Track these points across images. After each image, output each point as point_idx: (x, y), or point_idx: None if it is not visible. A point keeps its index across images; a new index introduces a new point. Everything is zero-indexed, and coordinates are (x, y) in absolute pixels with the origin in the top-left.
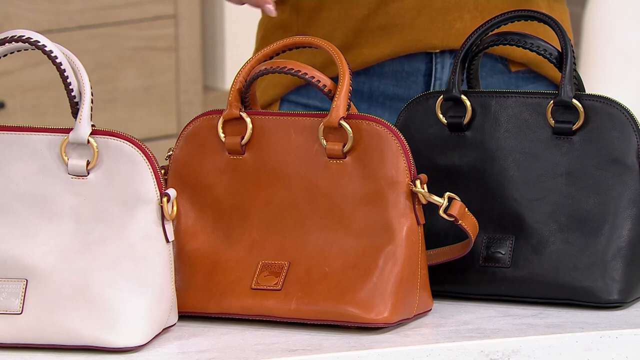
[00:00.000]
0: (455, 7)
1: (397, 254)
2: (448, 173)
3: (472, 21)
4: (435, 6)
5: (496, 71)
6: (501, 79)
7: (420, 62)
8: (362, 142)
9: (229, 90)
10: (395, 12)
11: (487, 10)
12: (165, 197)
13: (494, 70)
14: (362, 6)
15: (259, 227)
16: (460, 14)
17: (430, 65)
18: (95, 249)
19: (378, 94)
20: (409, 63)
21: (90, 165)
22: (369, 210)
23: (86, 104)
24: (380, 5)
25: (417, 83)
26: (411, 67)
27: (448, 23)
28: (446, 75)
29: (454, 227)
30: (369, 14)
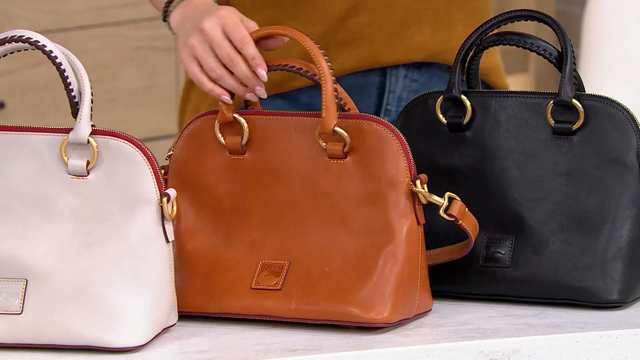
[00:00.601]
0: (415, 21)
1: (397, 254)
2: (448, 173)
3: (431, 34)
4: (395, 20)
5: (444, 81)
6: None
7: (375, 75)
8: (363, 142)
9: None
10: (354, 28)
11: (446, 22)
12: (165, 197)
13: (442, 80)
14: (322, 22)
15: (259, 227)
16: (420, 27)
17: (383, 78)
18: (95, 249)
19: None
20: (364, 77)
21: (90, 165)
22: (369, 210)
23: (86, 104)
24: (340, 21)
25: (370, 96)
26: (366, 80)
27: (408, 37)
28: (400, 88)
29: (454, 227)
30: (328, 30)
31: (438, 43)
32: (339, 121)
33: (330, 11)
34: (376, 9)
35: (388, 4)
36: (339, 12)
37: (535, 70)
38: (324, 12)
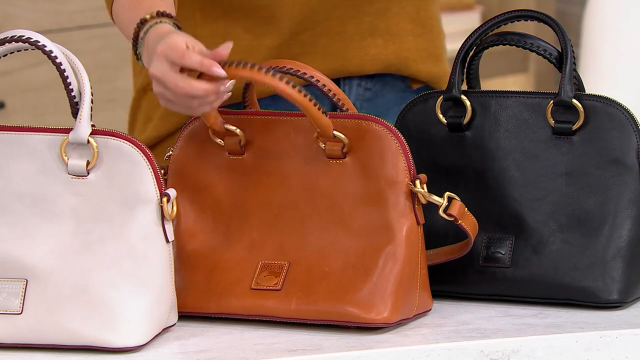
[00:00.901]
0: (369, 33)
1: (397, 254)
2: (448, 173)
3: (384, 46)
4: (348, 34)
5: (397, 89)
6: (402, 96)
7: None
8: (362, 142)
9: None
10: (307, 41)
11: (398, 34)
12: (165, 197)
13: (394, 89)
14: (275, 36)
15: (258, 227)
16: (374, 40)
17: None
18: (95, 249)
19: None
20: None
21: (90, 165)
22: (369, 210)
23: (86, 104)
24: (293, 34)
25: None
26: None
27: (362, 49)
28: (353, 97)
29: (453, 227)
30: (282, 44)
31: (391, 55)
32: (337, 121)
33: (283, 25)
34: (329, 21)
35: (341, 17)
36: (292, 25)
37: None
38: (277, 25)
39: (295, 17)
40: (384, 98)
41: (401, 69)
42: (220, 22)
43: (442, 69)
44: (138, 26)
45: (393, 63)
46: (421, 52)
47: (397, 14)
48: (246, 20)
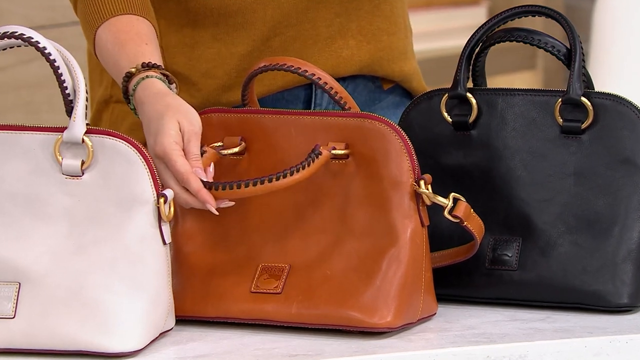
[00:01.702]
0: (340, 35)
1: (400, 257)
2: (453, 173)
3: (357, 47)
4: (321, 37)
5: (368, 90)
6: (372, 97)
7: (300, 90)
8: (365, 141)
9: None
10: (278, 46)
11: (371, 33)
12: (162, 197)
13: (365, 90)
14: (245, 43)
15: (258, 228)
16: (346, 42)
17: (309, 92)
18: (90, 251)
19: None
20: (290, 91)
21: (85, 165)
22: (372, 211)
23: (81, 102)
24: (264, 40)
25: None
26: (291, 95)
27: (335, 52)
28: (326, 100)
29: (459, 228)
30: (252, 51)
31: (365, 56)
32: (340, 120)
33: (253, 31)
34: (299, 24)
35: (311, 20)
36: (262, 31)
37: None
38: (247, 32)
39: (267, 22)
40: (355, 100)
41: (375, 69)
42: (187, 31)
43: (411, 67)
44: (125, 80)
45: (367, 64)
46: (394, 51)
47: (369, 13)
48: (215, 28)
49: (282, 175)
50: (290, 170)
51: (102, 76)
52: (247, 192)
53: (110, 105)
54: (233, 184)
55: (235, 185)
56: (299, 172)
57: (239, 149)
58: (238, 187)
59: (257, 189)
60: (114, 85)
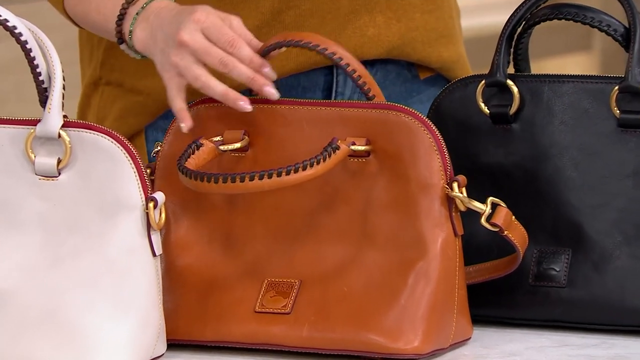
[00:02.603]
0: (366, 10)
1: (430, 271)
2: (491, 174)
3: (386, 25)
4: (342, 11)
5: (402, 80)
6: (408, 88)
7: (319, 74)
8: (390, 137)
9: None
10: (292, 21)
11: (402, 9)
12: (152, 202)
13: (399, 79)
14: (253, 16)
15: (264, 237)
16: (372, 18)
17: (330, 77)
18: (68, 264)
19: None
20: (307, 76)
21: (62, 164)
22: (397, 218)
23: (57, 90)
24: (274, 14)
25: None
26: (309, 81)
27: (359, 29)
28: (350, 89)
29: (498, 238)
30: (261, 25)
31: (395, 36)
32: (361, 112)
33: (261, 2)
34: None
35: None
36: (273, 3)
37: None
38: (254, 4)
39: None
40: (386, 91)
41: (407, 52)
42: (187, 2)
43: (455, 53)
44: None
45: (396, 46)
46: (431, 32)
47: None
48: (218, 2)
49: (292, 170)
50: (302, 164)
51: (91, 55)
52: (250, 187)
53: (99, 88)
54: (235, 176)
55: (238, 177)
56: (313, 168)
57: (241, 145)
58: (241, 181)
59: (262, 184)
60: (103, 66)
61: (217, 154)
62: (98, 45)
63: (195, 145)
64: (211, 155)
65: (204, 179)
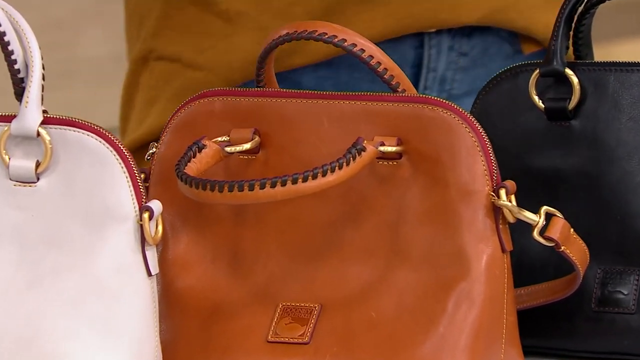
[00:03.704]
0: None
1: (473, 294)
2: (546, 179)
3: None
4: None
5: (503, 55)
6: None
7: (408, 46)
8: (425, 135)
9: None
10: None
11: None
12: (147, 212)
13: (500, 54)
14: None
15: (278, 255)
16: None
17: (420, 51)
18: (47, 285)
19: None
20: (393, 48)
21: (41, 168)
22: (434, 231)
23: (35, 80)
24: None
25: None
26: (395, 54)
27: None
28: (443, 65)
29: (554, 255)
30: None
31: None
32: (390, 107)
33: None
34: None
35: None
36: None
37: None
38: None
39: None
40: (485, 68)
41: (511, 17)
42: None
43: None
44: None
45: (499, 8)
46: None
47: None
48: None
49: (310, 175)
50: (322, 169)
51: (140, 26)
52: (262, 197)
53: (149, 64)
54: (244, 184)
55: (247, 185)
56: (335, 173)
57: (251, 146)
58: (251, 189)
59: (276, 193)
60: (155, 37)
61: (222, 157)
62: (149, 13)
63: (197, 146)
64: (215, 159)
65: (207, 187)
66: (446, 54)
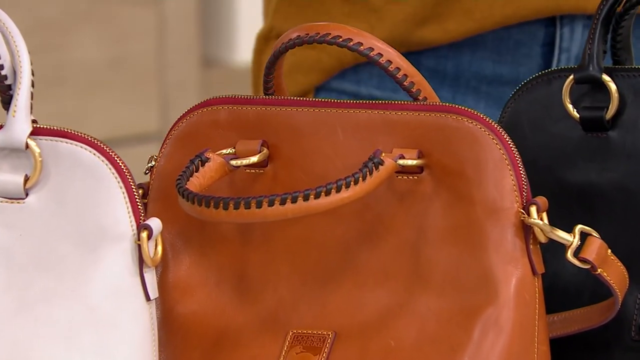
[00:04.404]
0: None
1: (501, 321)
2: (581, 195)
3: None
4: None
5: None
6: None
7: (538, 25)
8: (448, 147)
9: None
10: None
11: None
12: (145, 231)
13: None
14: None
15: (288, 278)
16: None
17: (552, 30)
18: (37, 311)
19: (469, 75)
20: (520, 27)
21: (30, 183)
22: (458, 252)
23: (24, 87)
24: None
25: (532, 57)
26: (523, 33)
27: None
28: (577, 45)
29: (590, 279)
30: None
31: None
32: (411, 116)
33: None
34: None
35: None
36: None
37: None
38: None
39: None
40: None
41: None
42: None
43: None
44: None
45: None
46: None
47: None
48: None
49: (323, 191)
50: (336, 184)
51: (269, 3)
52: (270, 215)
53: (270, 42)
54: (251, 201)
55: (255, 202)
56: (350, 188)
57: (258, 159)
58: (259, 206)
59: (286, 210)
60: (276, 14)
61: (227, 171)
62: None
63: (200, 160)
64: (220, 173)
65: (211, 204)
66: (581, 32)
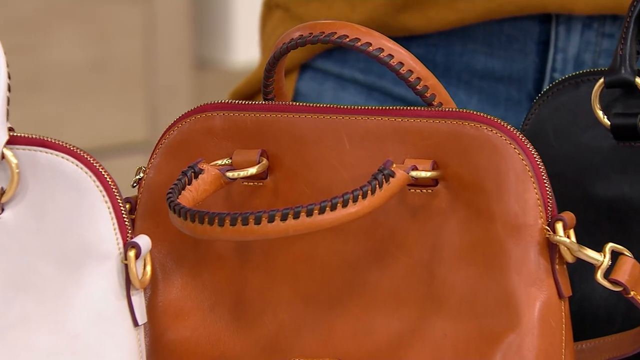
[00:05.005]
0: None
1: (524, 349)
2: (612, 210)
3: None
4: None
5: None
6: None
7: (531, 22)
8: (465, 157)
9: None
10: None
11: None
12: (133, 249)
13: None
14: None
15: (290, 301)
16: None
17: (547, 26)
18: (14, 337)
19: (460, 67)
20: (512, 22)
21: (7, 197)
22: (476, 272)
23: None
24: None
25: (527, 54)
26: (515, 28)
27: None
28: (574, 45)
29: (623, 302)
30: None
31: None
32: (426, 124)
33: None
34: None
35: None
36: None
37: None
38: None
39: None
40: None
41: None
42: None
43: None
44: None
45: None
46: None
47: None
48: None
49: (328, 206)
50: (342, 198)
51: None
52: (270, 232)
53: (272, 12)
54: (249, 216)
55: (253, 218)
56: (358, 203)
57: (257, 170)
58: (257, 222)
59: (287, 227)
60: None
61: (223, 184)
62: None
63: (193, 171)
64: (215, 186)
65: (205, 220)
66: (580, 32)
